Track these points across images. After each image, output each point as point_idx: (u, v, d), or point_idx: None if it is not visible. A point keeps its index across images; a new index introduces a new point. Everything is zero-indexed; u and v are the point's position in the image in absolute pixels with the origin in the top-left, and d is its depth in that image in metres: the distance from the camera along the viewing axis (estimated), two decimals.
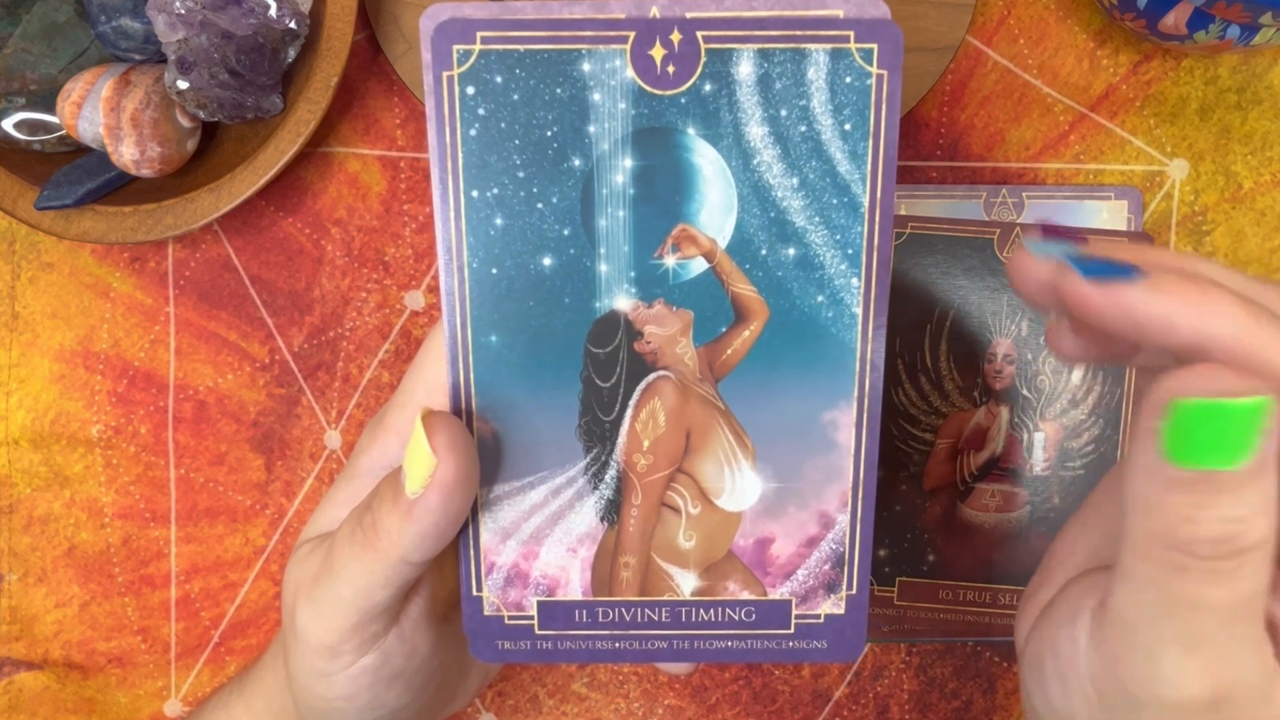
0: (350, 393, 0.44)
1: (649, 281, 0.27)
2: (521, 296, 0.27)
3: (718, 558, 0.29)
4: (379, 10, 0.41)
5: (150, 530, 0.44)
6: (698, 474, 0.28)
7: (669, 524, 0.29)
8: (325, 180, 0.43)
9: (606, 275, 0.27)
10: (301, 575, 0.29)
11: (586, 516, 0.29)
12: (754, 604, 0.29)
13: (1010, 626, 0.42)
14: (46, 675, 0.44)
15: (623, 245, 0.27)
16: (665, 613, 0.29)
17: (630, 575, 0.29)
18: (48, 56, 0.39)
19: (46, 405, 0.44)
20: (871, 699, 0.44)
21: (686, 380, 0.28)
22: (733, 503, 0.29)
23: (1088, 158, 0.43)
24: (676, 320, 0.27)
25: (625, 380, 0.28)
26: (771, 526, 0.29)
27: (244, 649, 0.44)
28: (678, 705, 0.44)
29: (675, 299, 0.27)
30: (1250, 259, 0.43)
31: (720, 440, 0.28)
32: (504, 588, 0.29)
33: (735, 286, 0.27)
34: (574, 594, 0.29)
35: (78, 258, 0.43)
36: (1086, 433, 0.41)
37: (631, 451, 0.28)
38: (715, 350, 0.28)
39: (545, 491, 0.28)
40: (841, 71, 0.26)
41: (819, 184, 0.27)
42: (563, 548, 0.29)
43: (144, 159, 0.38)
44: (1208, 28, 0.37)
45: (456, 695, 0.35)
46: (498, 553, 0.29)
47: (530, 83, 0.26)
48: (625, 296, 0.27)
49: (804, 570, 0.29)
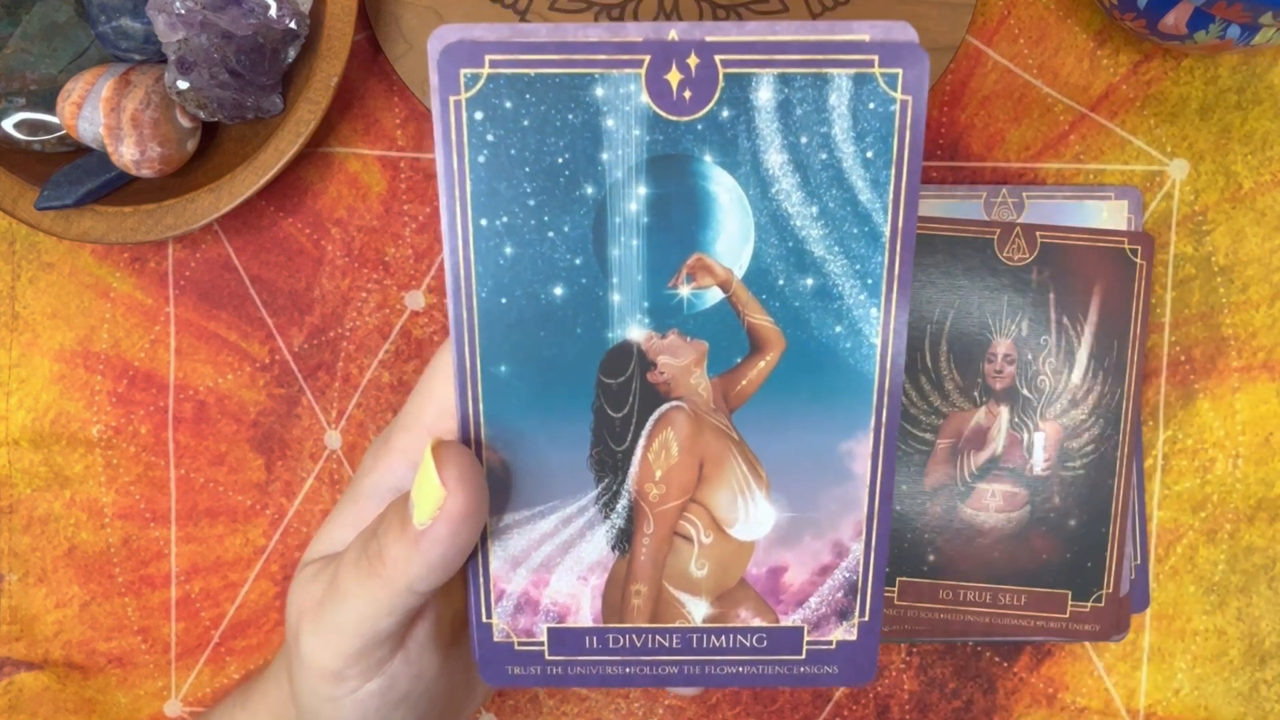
0: (350, 393, 0.44)
1: (663, 311, 0.27)
2: (532, 326, 0.27)
3: (730, 586, 0.29)
4: (379, 10, 0.41)
5: (150, 530, 0.44)
6: (711, 504, 0.28)
7: (681, 552, 0.28)
8: (325, 180, 0.43)
9: (619, 305, 0.27)
10: (306, 598, 0.28)
11: (598, 545, 0.28)
12: (765, 631, 0.29)
13: (1011, 626, 0.42)
14: (46, 675, 0.44)
15: (636, 275, 0.26)
16: (676, 639, 0.29)
17: (641, 603, 0.29)
18: (48, 56, 0.39)
19: (46, 405, 0.44)
20: (871, 699, 0.44)
21: (700, 410, 0.27)
22: (746, 532, 0.28)
23: (1088, 158, 0.43)
24: (691, 350, 0.27)
25: (638, 410, 0.27)
26: (785, 555, 0.28)
27: (244, 649, 0.44)
28: (678, 705, 0.44)
29: (690, 329, 0.27)
30: (1250, 259, 0.43)
31: (734, 470, 0.28)
32: (514, 615, 0.29)
33: (751, 317, 0.27)
34: (584, 621, 0.29)
35: (78, 258, 0.43)
36: (1086, 433, 0.41)
37: (644, 481, 0.28)
38: (730, 381, 0.27)
39: (556, 520, 0.28)
40: (865, 97, 0.25)
41: (839, 213, 0.26)
42: (573, 576, 0.28)
43: (144, 159, 0.38)
44: (1208, 28, 0.37)
45: (463, 711, 0.35)
46: (507, 580, 0.28)
47: (541, 108, 0.25)
48: (638, 327, 0.27)
49: (816, 598, 0.29)
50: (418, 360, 0.44)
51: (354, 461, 0.44)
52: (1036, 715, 0.44)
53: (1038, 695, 0.44)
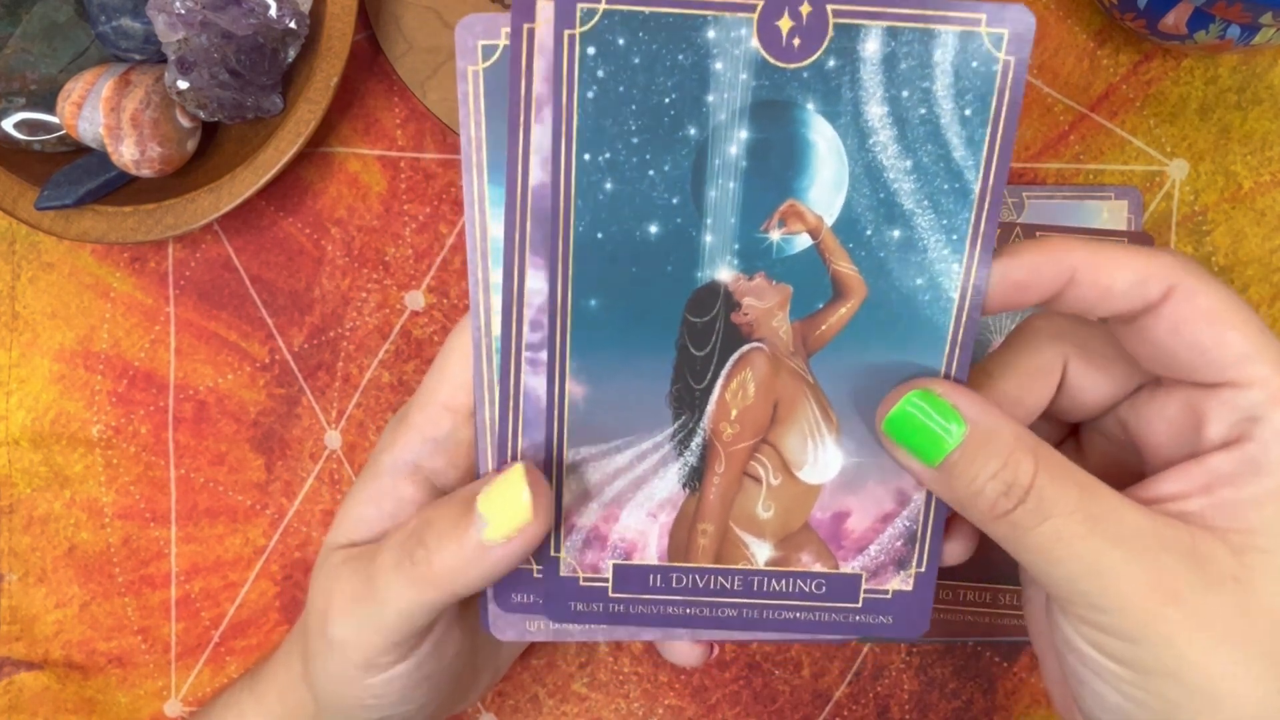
0: (350, 393, 0.44)
1: (752, 254, 0.27)
2: (625, 262, 0.27)
3: (794, 529, 0.29)
4: (379, 10, 0.41)
5: (150, 530, 0.44)
6: (782, 445, 0.29)
7: (749, 494, 0.29)
8: (325, 180, 0.43)
9: (711, 246, 0.27)
10: (337, 588, 0.29)
11: (669, 482, 0.29)
12: (825, 577, 0.29)
13: (1010, 626, 0.42)
14: (46, 675, 0.44)
15: (730, 217, 0.27)
16: (738, 581, 0.29)
17: (707, 543, 0.29)
18: (48, 56, 0.39)
19: (47, 405, 0.44)
20: (871, 699, 0.44)
21: (779, 353, 0.28)
22: (814, 475, 0.29)
23: (1088, 158, 0.43)
24: (776, 294, 0.27)
25: (719, 350, 0.28)
26: (849, 501, 0.29)
27: (244, 649, 0.44)
28: (678, 705, 0.44)
29: (776, 273, 0.27)
30: (1250, 259, 0.43)
31: (807, 413, 0.28)
32: (582, 550, 0.29)
33: (837, 264, 0.27)
34: (650, 559, 0.29)
35: (78, 258, 0.43)
36: None
37: (719, 420, 0.28)
38: (810, 325, 0.28)
39: (631, 455, 0.28)
40: (969, 55, 0.25)
41: (932, 168, 0.26)
42: (643, 512, 0.29)
43: (144, 159, 0.38)
44: (1208, 28, 0.37)
45: (467, 694, 0.36)
46: (578, 514, 0.29)
47: (652, 47, 0.25)
48: (727, 268, 0.27)
49: (876, 546, 0.29)
50: (418, 360, 0.44)
51: (354, 461, 0.44)
52: (1036, 715, 0.44)
53: (1038, 695, 0.44)
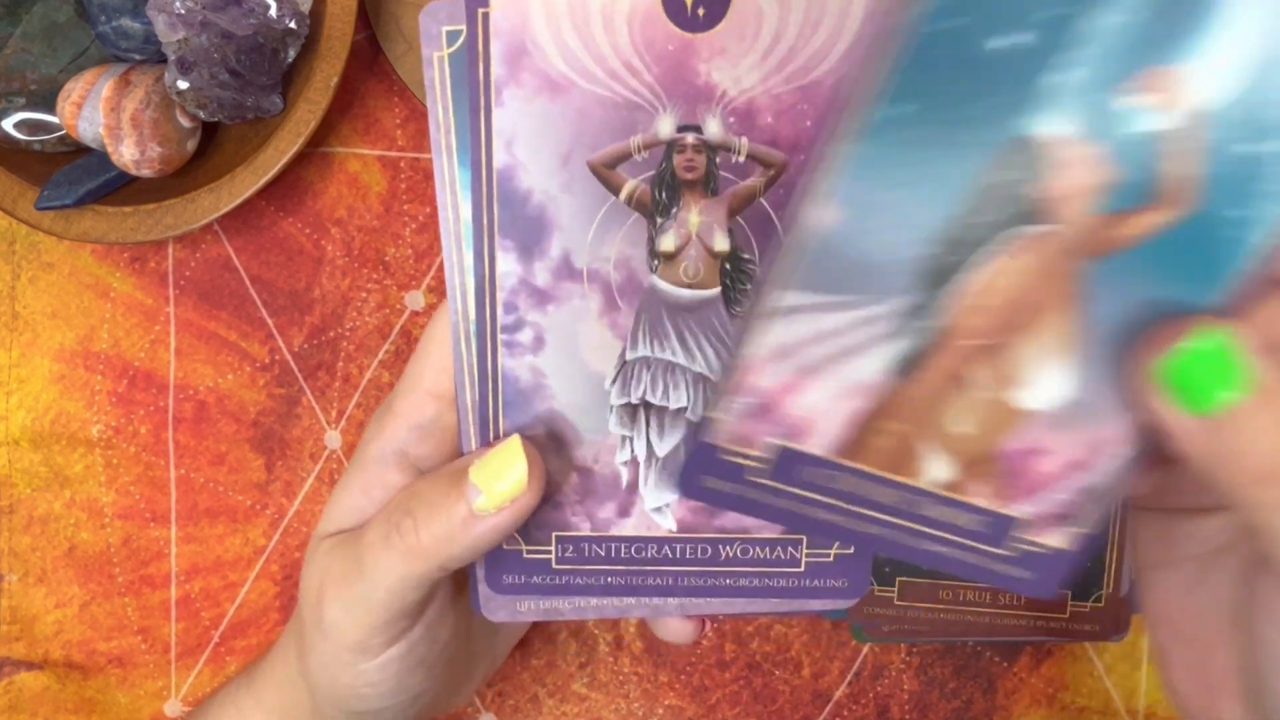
0: (350, 393, 0.44)
1: (1094, 118, 0.22)
2: (951, 75, 0.22)
3: (983, 453, 0.25)
4: (379, 10, 0.41)
5: (150, 530, 0.44)
6: (1012, 356, 0.24)
7: (953, 401, 0.25)
8: (325, 180, 0.43)
9: (1049, 89, 0.22)
10: (326, 572, 0.29)
11: (874, 364, 0.24)
12: (985, 514, 0.26)
13: (1011, 626, 0.42)
14: (46, 675, 0.44)
15: (1083, 66, 0.21)
16: (896, 496, 0.26)
17: (886, 444, 0.25)
18: (48, 56, 0.39)
19: (46, 405, 0.44)
20: (871, 699, 0.44)
21: (1066, 244, 0.23)
22: (1033, 399, 0.25)
23: None
24: (1097, 174, 0.23)
25: (999, 221, 0.23)
26: (1048, 438, 0.25)
27: (244, 649, 0.44)
28: (678, 705, 0.44)
29: (1112, 149, 0.22)
30: None
31: (1059, 327, 0.24)
32: (744, 416, 0.25)
33: (1176, 165, 0.22)
34: (816, 448, 0.25)
35: (78, 258, 0.43)
36: None
37: (965, 307, 0.24)
38: (1112, 222, 0.23)
39: (845, 320, 0.24)
40: None
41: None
42: (833, 391, 0.24)
43: (144, 159, 0.38)
44: None
45: (463, 687, 0.36)
46: (759, 372, 0.24)
47: None
48: (1060, 122, 0.22)
49: (1053, 493, 0.25)
50: None
51: None
52: (1036, 715, 0.44)
53: (1038, 695, 0.44)
